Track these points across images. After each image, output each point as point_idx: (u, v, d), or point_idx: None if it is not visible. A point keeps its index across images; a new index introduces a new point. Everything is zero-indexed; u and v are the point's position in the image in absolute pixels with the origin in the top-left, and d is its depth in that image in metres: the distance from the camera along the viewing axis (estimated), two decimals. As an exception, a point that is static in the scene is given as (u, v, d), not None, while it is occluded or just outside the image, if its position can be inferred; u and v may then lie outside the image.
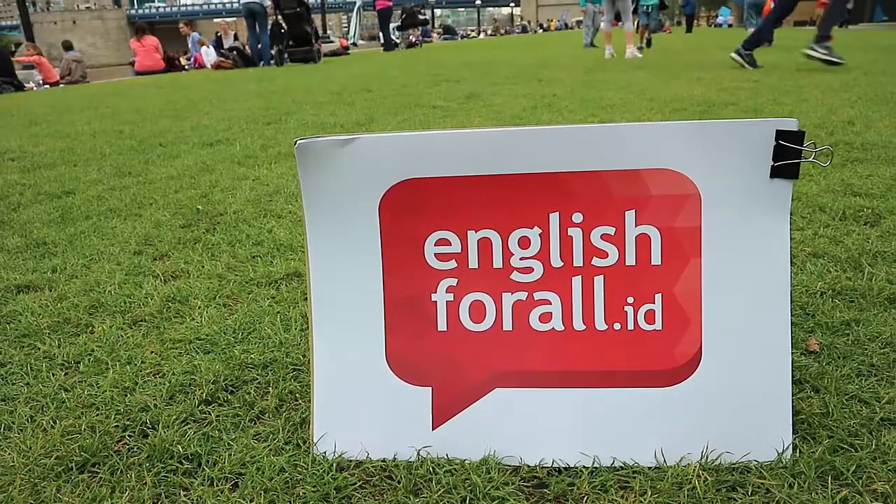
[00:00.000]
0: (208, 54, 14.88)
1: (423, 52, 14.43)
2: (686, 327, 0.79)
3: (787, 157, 0.77)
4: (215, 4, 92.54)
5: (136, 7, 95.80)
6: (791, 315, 0.79)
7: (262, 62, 11.86)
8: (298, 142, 0.81)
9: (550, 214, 0.79)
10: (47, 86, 13.11)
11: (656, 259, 0.79)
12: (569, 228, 0.79)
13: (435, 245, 0.81)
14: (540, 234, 0.79)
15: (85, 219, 2.11)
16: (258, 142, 3.13)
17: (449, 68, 7.44)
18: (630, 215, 0.78)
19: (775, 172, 0.77)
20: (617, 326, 0.80)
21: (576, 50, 11.98)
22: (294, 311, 1.30)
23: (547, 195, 0.78)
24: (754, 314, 0.79)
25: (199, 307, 1.35)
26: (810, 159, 0.77)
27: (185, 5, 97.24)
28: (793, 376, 0.97)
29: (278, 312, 1.29)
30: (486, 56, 10.57)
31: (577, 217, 0.79)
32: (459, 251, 0.81)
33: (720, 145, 0.77)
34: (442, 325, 0.82)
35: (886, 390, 0.93)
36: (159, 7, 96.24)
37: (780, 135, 0.77)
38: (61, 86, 12.79)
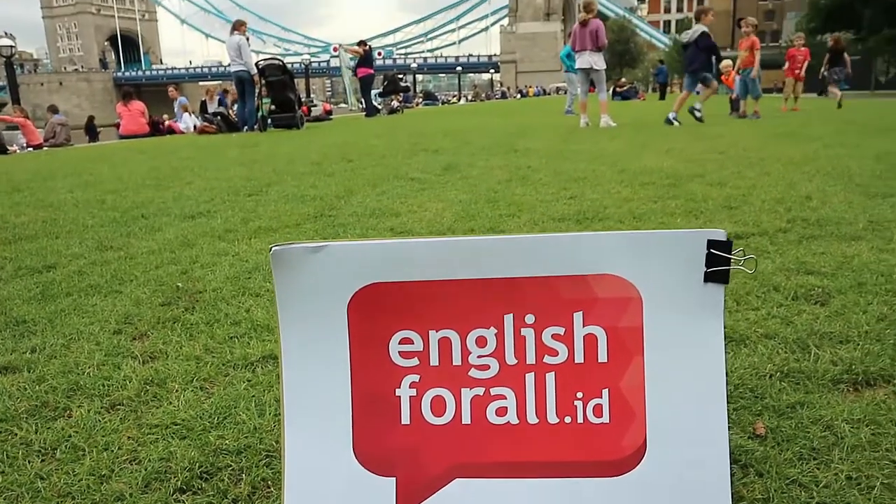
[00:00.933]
0: (186, 121, 15.14)
1: (405, 119, 14.77)
2: (631, 420, 0.85)
3: (718, 264, 0.85)
4: (200, 68, 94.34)
5: (122, 70, 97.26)
6: (729, 404, 0.85)
7: (245, 127, 12.09)
8: (274, 248, 0.88)
9: (505, 316, 0.86)
10: (31, 148, 13.20)
11: (603, 357, 0.85)
12: (522, 329, 0.86)
13: (399, 344, 0.87)
14: (496, 334, 0.86)
15: (66, 295, 2.15)
16: (239, 215, 3.20)
17: (428, 137, 7.64)
18: (578, 316, 0.85)
19: (708, 278, 0.85)
20: (568, 420, 0.86)
21: (553, 117, 12.36)
22: (269, 395, 1.34)
23: (502, 298, 0.86)
24: (693, 407, 0.86)
25: (177, 390, 1.39)
26: (738, 266, 0.85)
27: (172, 69, 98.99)
28: (739, 461, 1.03)
29: (253, 397, 1.34)
30: (465, 123, 10.88)
31: (530, 318, 0.86)
32: (421, 349, 0.87)
33: (659, 253, 0.85)
34: (405, 418, 0.87)
35: (824, 473, 0.99)
36: (146, 70, 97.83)
37: (711, 244, 0.85)
38: (45, 149, 12.89)
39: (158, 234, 2.95)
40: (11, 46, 21.84)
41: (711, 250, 0.85)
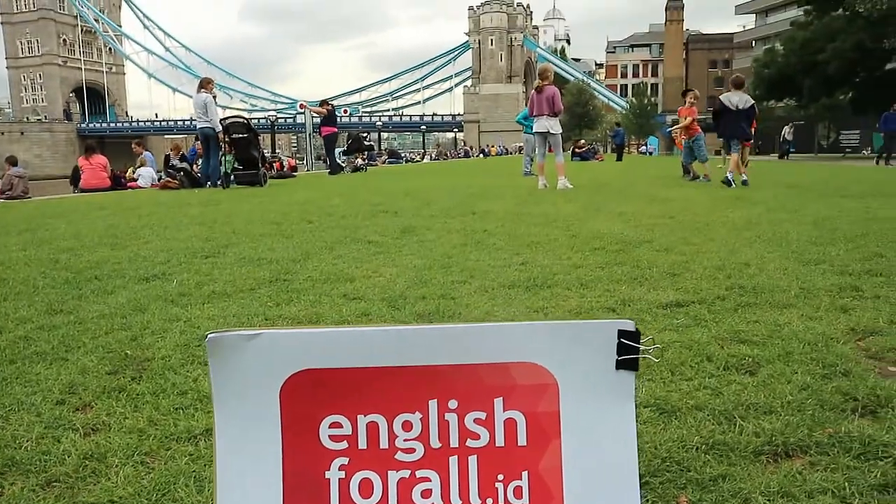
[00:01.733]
0: (144, 177, 15.09)
1: (368, 177, 14.95)
2: (549, 502, 0.90)
3: (628, 353, 0.92)
4: (167, 122, 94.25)
5: (86, 121, 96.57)
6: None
7: (209, 183, 12.09)
8: (209, 336, 0.92)
9: (430, 401, 0.91)
10: (-15, 201, 12.94)
11: (522, 440, 0.91)
12: (445, 413, 0.91)
13: (329, 427, 0.92)
14: (421, 419, 0.91)
15: (9, 363, 2.12)
16: (194, 278, 3.21)
17: (389, 197, 7.76)
18: (499, 402, 0.91)
19: (619, 365, 0.92)
20: (490, 502, 0.90)
21: (513, 178, 12.65)
22: (209, 470, 1.35)
23: (427, 384, 0.91)
24: (608, 487, 0.91)
25: (117, 465, 1.39)
26: (646, 355, 0.92)
27: (137, 121, 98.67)
28: (658, 536, 1.08)
29: (194, 472, 1.34)
30: (427, 183, 11.06)
31: (453, 403, 0.91)
32: (350, 433, 0.91)
33: (574, 342, 0.92)
34: (334, 500, 0.91)
35: (737, 549, 1.05)
36: (111, 122, 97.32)
37: (622, 333, 0.92)
38: (1, 201, 12.66)
39: (111, 298, 2.93)
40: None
41: (622, 340, 0.92)
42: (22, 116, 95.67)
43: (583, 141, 35.99)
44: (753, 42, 70.42)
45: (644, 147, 43.37)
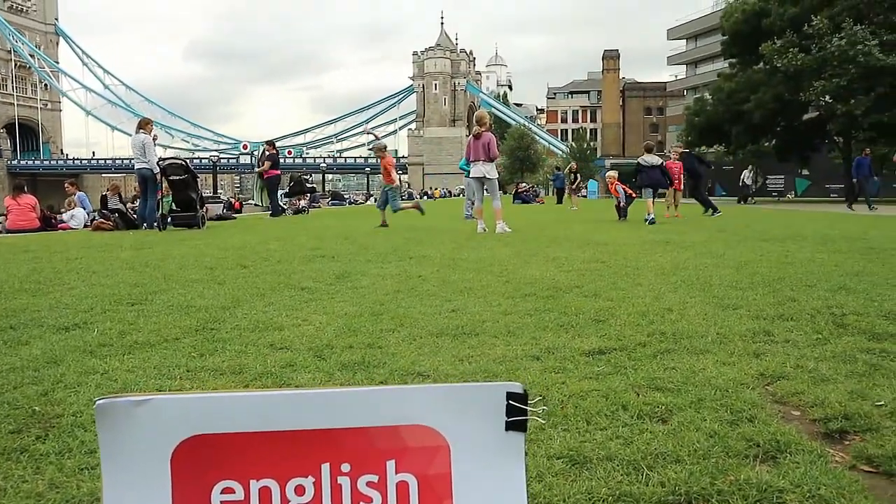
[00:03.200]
0: (75, 218, 14.66)
1: (309, 220, 14.86)
2: (441, 563, 0.91)
3: (517, 414, 0.95)
4: (103, 161, 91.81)
5: (17, 158, 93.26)
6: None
7: (145, 225, 11.81)
8: (98, 402, 0.91)
9: (322, 465, 0.91)
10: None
11: (414, 502, 0.92)
12: (338, 477, 0.92)
13: (221, 493, 0.91)
14: (314, 483, 0.91)
15: None
16: (117, 327, 3.12)
17: (328, 241, 7.73)
18: (391, 464, 0.92)
19: (509, 426, 0.95)
20: (382, 565, 0.91)
21: (453, 222, 12.78)
22: (108, 536, 1.30)
23: (320, 448, 0.92)
24: (500, 547, 0.93)
25: (10, 534, 1.33)
26: (536, 417, 0.96)
27: (73, 159, 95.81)
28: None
29: (92, 538, 1.30)
30: (367, 226, 11.06)
31: (346, 467, 0.92)
32: (243, 498, 0.91)
33: (464, 404, 0.94)
34: (226, 569, 0.90)
35: None
36: (44, 160, 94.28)
37: (511, 395, 0.95)
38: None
39: (24, 349, 2.82)
40: None
41: (510, 402, 0.95)
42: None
43: (524, 184, 36.71)
44: (685, 91, 73.90)
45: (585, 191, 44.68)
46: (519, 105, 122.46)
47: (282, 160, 18.84)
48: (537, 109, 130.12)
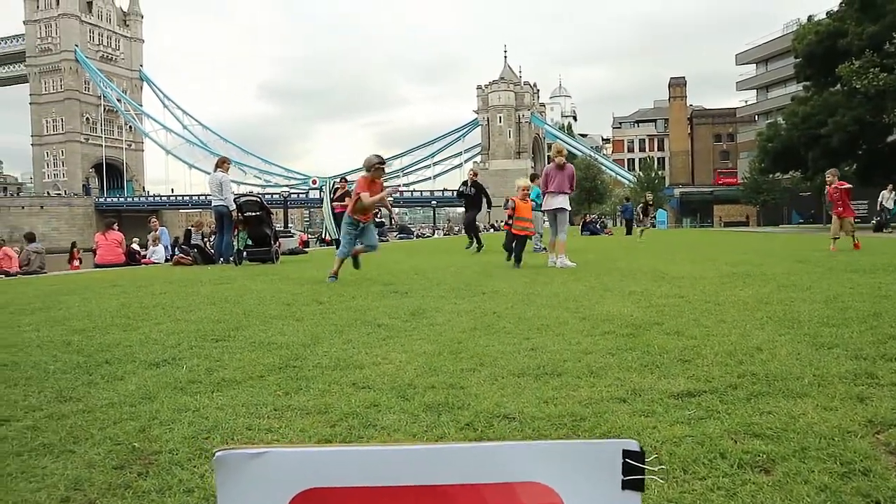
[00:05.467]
0: (157, 253, 15.32)
1: (377, 254, 15.04)
2: None
3: (633, 473, 0.92)
4: (181, 196, 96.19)
5: (104, 196, 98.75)
6: None
7: (221, 259, 12.24)
8: (217, 454, 0.93)
9: (436, 522, 0.90)
10: (2, 275, 13.12)
11: (529, 562, 0.89)
12: (451, 535, 0.90)
13: (335, 547, 0.90)
14: (427, 539, 0.90)
15: (15, 456, 2.11)
16: (204, 363, 3.22)
17: (399, 276, 7.81)
18: (505, 523, 0.90)
19: (625, 485, 0.91)
20: None
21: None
22: (212, 580, 1.33)
23: (433, 504, 0.90)
24: None
25: (119, 573, 1.37)
26: (654, 476, 0.92)
27: (153, 196, 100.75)
28: None
29: (197, 582, 1.32)
30: (436, 261, 11.13)
31: (459, 525, 0.90)
32: (356, 554, 0.90)
33: (579, 461, 0.92)
34: None
35: None
36: (128, 197, 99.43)
37: (627, 454, 0.92)
38: (18, 276, 12.84)
39: (120, 385, 2.94)
40: (-4, 174, 22.19)
41: (626, 459, 0.92)
42: (43, 191, 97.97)
43: (592, 215, 36.32)
44: (756, 116, 71.95)
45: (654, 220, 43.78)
46: (584, 136, 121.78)
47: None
48: (603, 139, 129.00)
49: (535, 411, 2.30)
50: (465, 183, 15.01)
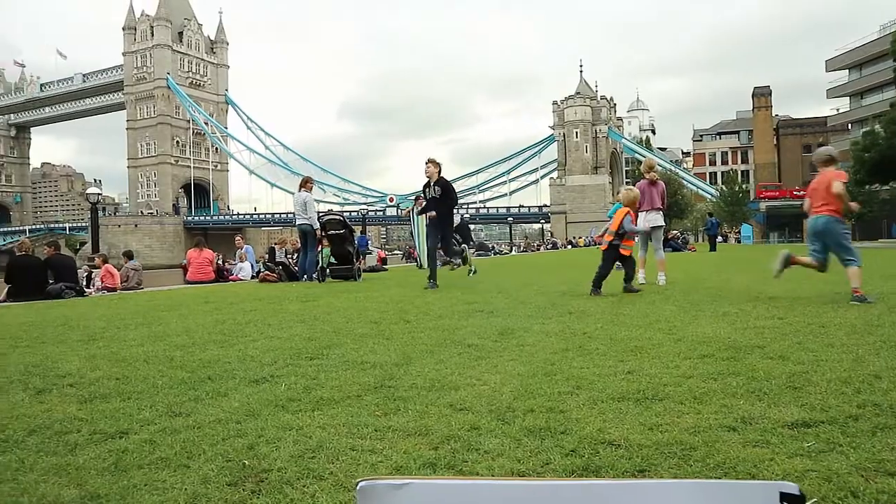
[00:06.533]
0: (243, 270, 15.87)
1: (459, 272, 15.11)
2: None
3: (792, 518, 0.86)
4: (263, 215, 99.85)
5: (192, 214, 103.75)
6: None
7: (305, 277, 12.57)
8: (360, 484, 0.94)
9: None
10: (104, 291, 13.89)
11: None
12: (599, 576, 0.87)
13: (477, 582, 0.89)
14: (573, 579, 0.87)
15: (137, 468, 2.21)
16: (301, 381, 3.29)
17: (483, 294, 7.80)
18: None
19: (783, 530, 0.86)
20: None
21: (604, 271, 12.42)
22: None
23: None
24: None
25: (245, 592, 1.40)
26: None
27: (237, 214, 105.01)
28: None
29: None
30: (518, 279, 11.07)
31: (606, 565, 0.87)
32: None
33: (733, 503, 0.87)
34: None
35: None
36: (214, 215, 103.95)
37: (784, 496, 0.87)
38: (118, 292, 13.58)
39: (224, 401, 3.04)
40: (98, 193, 23.75)
41: (784, 503, 0.87)
42: (136, 211, 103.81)
43: (674, 231, 35.34)
44: (849, 125, 68.36)
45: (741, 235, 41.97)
46: (663, 149, 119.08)
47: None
48: (683, 153, 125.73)
49: (641, 438, 2.24)
50: (427, 185, 9.87)
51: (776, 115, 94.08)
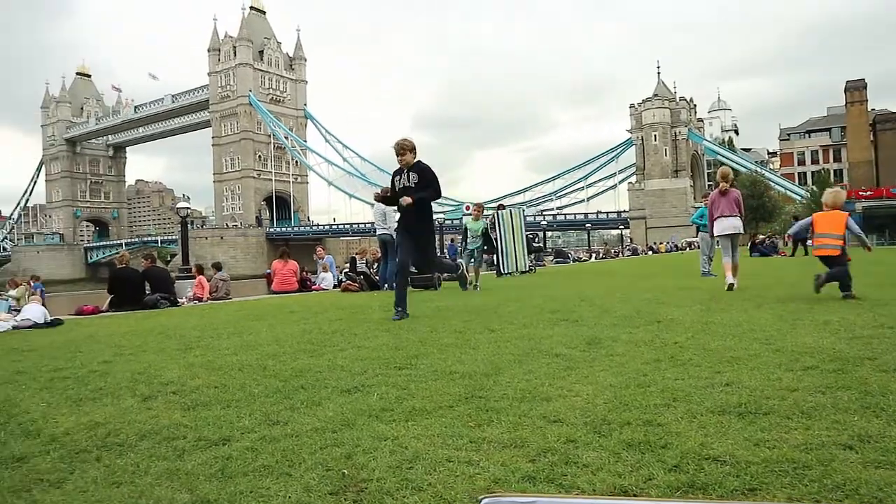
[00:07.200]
0: (325, 280, 16.26)
1: (538, 279, 14.99)
2: None
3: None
4: (342, 225, 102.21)
5: (273, 226, 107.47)
6: None
7: (385, 286, 12.76)
8: (484, 500, 0.94)
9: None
10: (196, 301, 14.53)
11: None
12: None
13: None
14: None
15: (242, 475, 2.29)
16: (393, 391, 3.33)
17: (565, 303, 7.70)
18: None
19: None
20: None
21: (689, 279, 12.08)
22: None
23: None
24: None
25: None
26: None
27: (317, 225, 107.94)
28: None
29: None
30: (601, 286, 10.86)
31: None
32: None
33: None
34: None
35: None
36: (294, 226, 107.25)
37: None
38: (208, 301, 14.18)
39: (319, 410, 3.11)
40: (187, 207, 24.93)
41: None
42: (222, 223, 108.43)
43: (761, 235, 33.90)
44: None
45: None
46: (747, 150, 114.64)
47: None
48: (768, 153, 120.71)
49: (748, 455, 2.14)
50: (398, 171, 7.14)
51: (872, 110, 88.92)
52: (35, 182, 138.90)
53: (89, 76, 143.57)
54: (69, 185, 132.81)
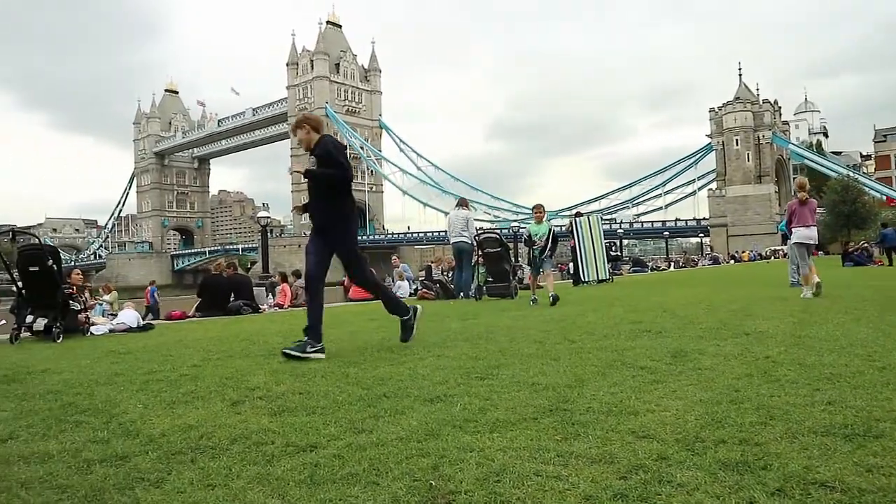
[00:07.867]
0: (402, 288, 16.44)
1: (616, 289, 14.69)
2: None
3: None
4: (416, 234, 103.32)
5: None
6: None
7: (461, 294, 12.80)
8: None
9: None
10: (276, 308, 14.97)
11: None
12: None
13: None
14: None
15: (331, 482, 2.33)
16: (475, 402, 3.32)
17: (646, 313, 7.50)
18: None
19: None
20: None
21: (776, 289, 11.57)
22: None
23: None
24: None
25: None
26: None
27: (392, 233, 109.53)
28: None
29: None
30: (682, 296, 10.54)
31: None
32: None
33: None
34: None
35: None
36: (370, 235, 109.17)
37: None
38: (287, 308, 14.60)
39: (403, 419, 3.13)
40: (267, 217, 25.82)
41: None
42: (300, 232, 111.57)
43: (854, 243, 32.11)
44: None
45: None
46: (837, 153, 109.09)
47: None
48: (862, 156, 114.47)
49: (860, 481, 2.01)
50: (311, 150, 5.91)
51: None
52: (127, 194, 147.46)
53: (177, 92, 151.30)
54: (158, 196, 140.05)
